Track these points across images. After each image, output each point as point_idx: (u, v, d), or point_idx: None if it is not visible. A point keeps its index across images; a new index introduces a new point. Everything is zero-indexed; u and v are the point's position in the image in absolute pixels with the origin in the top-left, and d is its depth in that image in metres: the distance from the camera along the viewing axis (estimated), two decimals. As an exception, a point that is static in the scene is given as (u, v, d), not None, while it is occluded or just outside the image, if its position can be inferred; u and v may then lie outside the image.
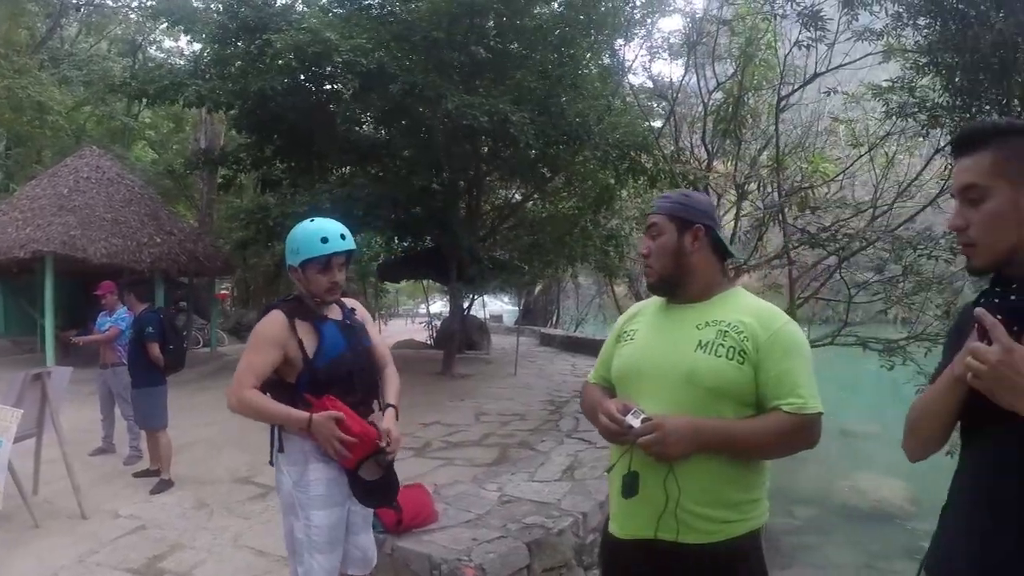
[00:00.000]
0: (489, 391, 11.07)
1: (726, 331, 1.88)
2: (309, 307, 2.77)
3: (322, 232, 2.71)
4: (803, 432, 1.86)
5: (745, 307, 1.96)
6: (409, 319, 32.87)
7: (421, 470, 6.27)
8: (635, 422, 1.80)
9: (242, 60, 10.91)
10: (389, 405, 2.82)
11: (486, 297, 23.70)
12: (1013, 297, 1.33)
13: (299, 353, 2.66)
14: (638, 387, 1.96)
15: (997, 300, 1.34)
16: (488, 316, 25.97)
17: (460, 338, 14.61)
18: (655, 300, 2.15)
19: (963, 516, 1.45)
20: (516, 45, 11.34)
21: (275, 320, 2.70)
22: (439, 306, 25.69)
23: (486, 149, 12.23)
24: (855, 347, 10.64)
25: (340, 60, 9.53)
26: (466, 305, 15.63)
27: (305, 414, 2.58)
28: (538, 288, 26.25)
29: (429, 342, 19.27)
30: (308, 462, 2.70)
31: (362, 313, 2.99)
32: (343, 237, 2.74)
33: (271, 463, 2.82)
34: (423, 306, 27.55)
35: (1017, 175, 1.37)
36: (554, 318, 27.95)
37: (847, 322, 11.19)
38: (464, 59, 10.45)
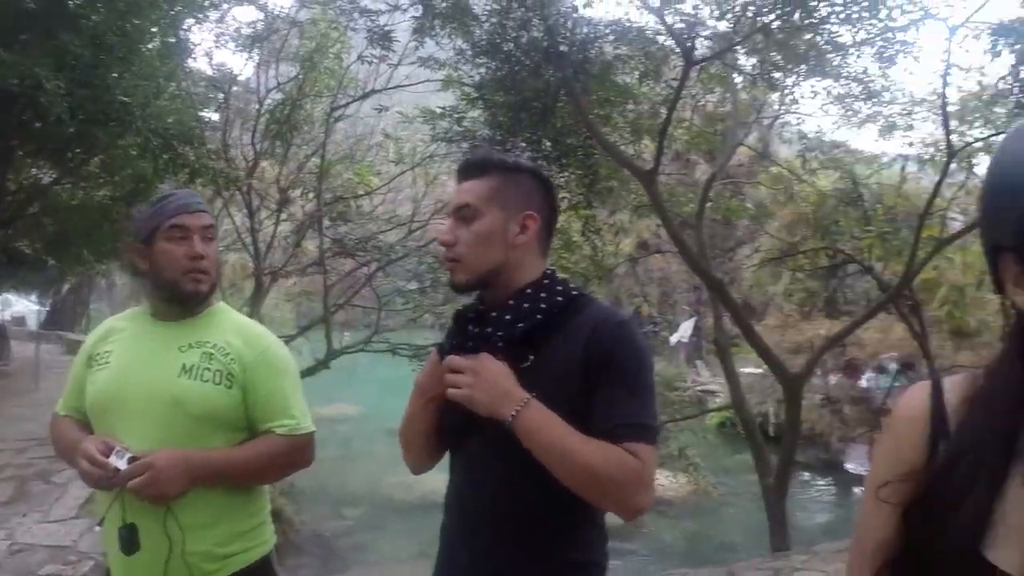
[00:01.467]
0: (5, 411, 9.52)
1: (212, 353, 1.77)
2: None
3: None
4: (298, 453, 1.85)
5: (231, 327, 1.86)
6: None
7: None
8: (121, 463, 1.59)
9: None
10: None
11: (10, 296, 19.29)
12: (474, 332, 1.44)
13: None
14: (119, 419, 1.74)
15: (454, 342, 1.47)
16: (10, 318, 21.19)
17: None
18: (132, 316, 1.94)
19: (455, 525, 1.52)
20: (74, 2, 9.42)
21: None
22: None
23: (24, 118, 9.90)
24: (388, 352, 11.23)
25: None
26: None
27: None
28: (66, 286, 22.28)
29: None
30: None
31: None
32: None
33: None
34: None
35: (511, 205, 1.47)
36: (84, 322, 23.76)
37: (378, 329, 11.81)
38: (4, 7, 8.36)
